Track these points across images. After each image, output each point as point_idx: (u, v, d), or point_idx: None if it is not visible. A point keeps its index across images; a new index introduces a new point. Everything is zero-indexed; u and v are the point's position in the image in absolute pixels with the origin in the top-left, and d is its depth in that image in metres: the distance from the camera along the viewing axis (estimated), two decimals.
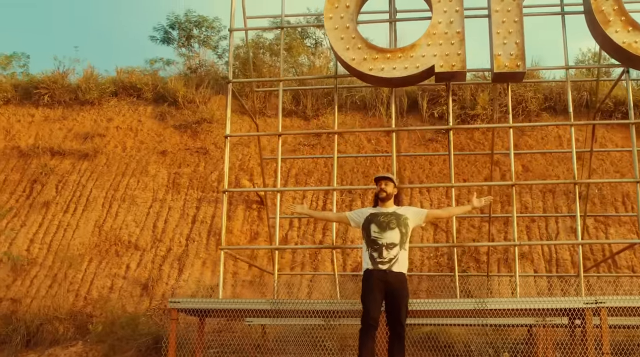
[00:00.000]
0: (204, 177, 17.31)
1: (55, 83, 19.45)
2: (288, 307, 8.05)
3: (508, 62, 8.56)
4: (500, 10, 8.68)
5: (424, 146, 17.34)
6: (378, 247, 6.76)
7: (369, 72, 8.75)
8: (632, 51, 8.43)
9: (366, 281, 6.76)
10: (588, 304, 7.76)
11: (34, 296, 14.87)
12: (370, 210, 7.11)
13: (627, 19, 8.53)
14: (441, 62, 8.61)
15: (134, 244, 15.89)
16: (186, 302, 8.37)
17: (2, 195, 17.25)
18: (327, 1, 8.94)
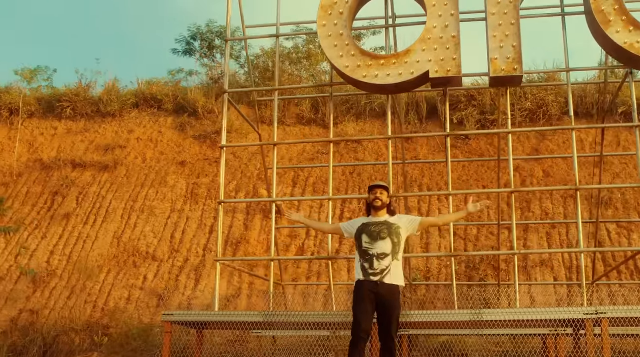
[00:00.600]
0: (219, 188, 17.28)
1: (77, 96, 19.68)
2: (280, 319, 7.94)
3: (505, 66, 8.35)
4: (496, 13, 8.48)
5: (443, 153, 17.08)
6: (369, 258, 6.60)
7: (362, 79, 8.62)
8: (634, 52, 8.16)
9: (357, 292, 6.60)
10: (588, 314, 7.50)
11: (53, 308, 15.00)
12: (363, 220, 6.94)
13: (628, 18, 8.26)
14: (436, 67, 8.44)
15: (151, 255, 15.95)
16: (179, 315, 8.31)
17: (25, 207, 17.49)
18: (320, 8, 8.84)
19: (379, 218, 6.83)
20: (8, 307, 15.18)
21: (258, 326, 8.36)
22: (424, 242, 15.41)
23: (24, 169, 18.48)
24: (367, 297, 6.51)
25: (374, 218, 6.86)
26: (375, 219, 6.83)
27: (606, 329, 7.48)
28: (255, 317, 8.09)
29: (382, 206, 6.85)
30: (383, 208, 6.86)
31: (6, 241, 16.70)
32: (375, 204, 6.85)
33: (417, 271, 14.78)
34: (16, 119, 19.55)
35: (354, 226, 6.95)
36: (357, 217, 7.76)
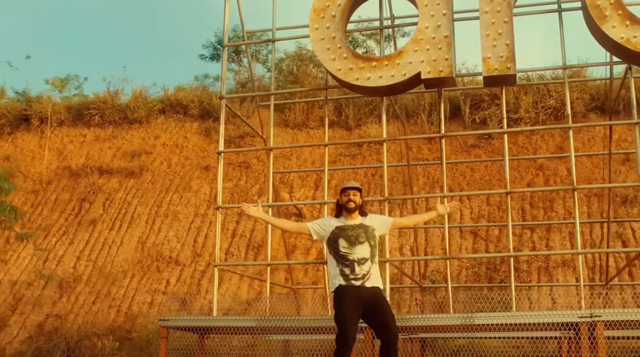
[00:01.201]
0: (244, 191, 17.43)
1: (105, 103, 20.04)
2: (273, 324, 7.96)
3: (498, 65, 8.21)
4: (489, 11, 8.36)
5: (465, 153, 16.93)
6: (349, 263, 6.41)
7: (355, 82, 8.58)
8: (630, 47, 7.95)
9: (340, 299, 6.37)
10: (583, 317, 7.34)
11: (78, 312, 15.29)
12: (335, 222, 6.64)
13: (624, 12, 8.06)
14: (428, 68, 8.35)
15: (174, 260, 16.14)
16: (175, 321, 8.40)
17: (53, 214, 17.87)
18: (312, 11, 8.84)
19: (353, 221, 6.61)
20: (35, 312, 15.53)
21: (252, 330, 8.39)
22: (444, 243, 15.23)
23: (53, 177, 18.89)
24: (352, 303, 6.32)
25: (347, 220, 6.61)
26: (350, 222, 6.60)
27: (602, 333, 7.30)
28: (249, 322, 8.12)
29: (355, 208, 6.61)
30: (356, 210, 6.63)
31: (34, 247, 17.09)
32: (348, 206, 6.58)
33: (436, 273, 14.65)
34: (46, 128, 19.98)
35: (326, 228, 6.68)
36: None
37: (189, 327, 8.59)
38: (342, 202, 6.67)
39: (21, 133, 20.37)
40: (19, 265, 16.72)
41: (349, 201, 6.59)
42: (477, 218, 15.58)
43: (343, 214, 6.66)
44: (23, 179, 18.97)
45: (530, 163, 16.14)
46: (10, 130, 20.46)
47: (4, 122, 20.45)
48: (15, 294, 16.02)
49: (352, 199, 6.60)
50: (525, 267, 14.38)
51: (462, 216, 15.63)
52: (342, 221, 6.63)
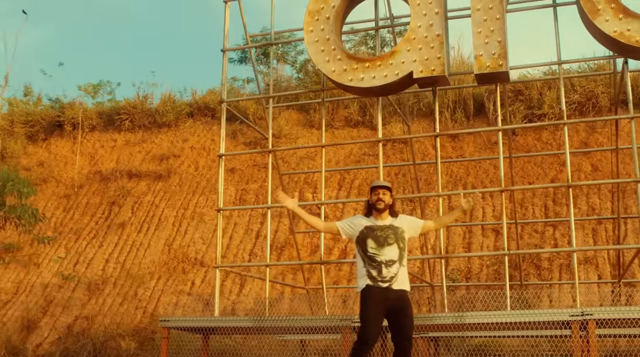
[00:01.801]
0: (266, 193, 17.59)
1: (135, 108, 20.46)
2: (268, 324, 8.10)
3: (490, 62, 8.21)
4: (481, 8, 8.35)
5: (489, 150, 16.83)
6: (377, 265, 6.32)
7: (349, 83, 8.67)
8: (623, 40, 7.87)
9: (366, 299, 6.33)
10: (574, 316, 7.29)
11: (105, 314, 15.67)
12: (365, 221, 6.55)
13: (617, 5, 7.97)
14: (421, 67, 8.39)
15: (199, 261, 16.42)
16: (175, 321, 8.60)
17: (84, 218, 18.34)
18: (307, 14, 8.95)
19: (383, 221, 6.50)
20: (65, 314, 15.96)
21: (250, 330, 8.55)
22: (465, 241, 15.22)
23: (84, 181, 19.37)
24: (377, 304, 6.27)
25: (377, 221, 6.51)
26: (380, 222, 6.50)
27: (593, 331, 7.25)
28: (244, 323, 8.28)
29: (385, 208, 6.51)
30: (386, 210, 6.53)
31: (66, 250, 17.56)
32: (377, 206, 6.49)
33: (457, 271, 14.61)
34: (79, 133, 20.50)
35: (355, 227, 6.58)
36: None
37: (188, 328, 8.78)
38: (371, 201, 6.57)
39: (55, 139, 20.93)
40: (50, 268, 17.21)
41: (378, 200, 6.51)
42: (500, 215, 15.46)
43: (373, 214, 6.57)
44: (56, 184, 19.50)
45: (554, 159, 15.95)
46: (45, 137, 21.05)
47: (38, 128, 21.04)
48: (46, 297, 16.49)
49: (381, 198, 6.50)
50: (547, 265, 14.24)
51: (485, 213, 15.55)
52: (371, 220, 6.54)
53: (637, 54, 8.10)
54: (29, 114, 21.32)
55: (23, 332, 15.63)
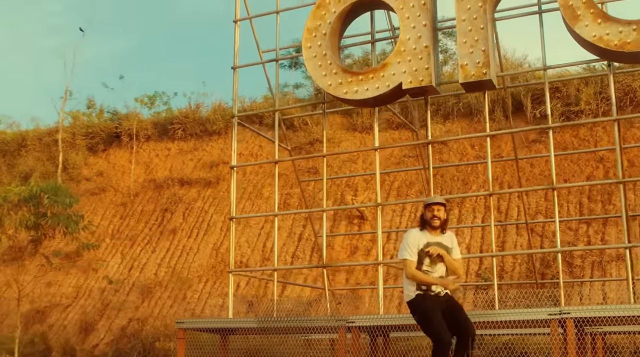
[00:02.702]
0: (312, 196, 18.23)
1: (187, 117, 21.44)
2: (273, 325, 8.72)
3: (475, 71, 8.58)
4: (466, 19, 8.73)
5: (526, 148, 16.98)
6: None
7: (344, 96, 9.20)
8: (602, 45, 8.12)
9: (423, 305, 6.50)
10: (552, 315, 7.62)
11: (157, 316, 16.64)
12: (421, 237, 6.62)
13: (596, 11, 8.22)
14: (410, 78, 8.84)
15: (244, 264, 17.20)
16: (189, 323, 9.33)
17: (139, 224, 19.42)
18: (305, 30, 9.51)
19: (435, 237, 6.61)
20: (120, 316, 17.03)
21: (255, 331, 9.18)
22: (500, 240, 15.44)
23: (140, 189, 20.47)
24: (436, 306, 6.46)
25: (432, 236, 6.61)
26: (433, 238, 6.60)
27: (571, 329, 7.56)
28: (250, 324, 8.93)
29: (440, 225, 6.61)
30: (441, 226, 6.63)
31: (122, 256, 18.67)
32: (433, 223, 6.58)
33: (489, 270, 14.86)
34: (135, 143, 21.64)
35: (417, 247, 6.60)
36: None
37: (202, 329, 9.49)
38: (426, 217, 6.64)
39: (113, 149, 22.15)
40: (108, 273, 18.34)
41: (433, 217, 6.58)
42: (535, 214, 15.64)
43: (427, 228, 6.65)
44: (114, 192, 20.68)
45: (591, 155, 15.99)
46: (104, 148, 22.29)
47: (98, 140, 22.30)
48: (103, 300, 17.60)
49: (436, 215, 6.58)
50: (579, 262, 14.37)
51: (519, 211, 15.74)
52: (426, 235, 6.63)
53: (617, 57, 8.33)
54: (90, 126, 22.61)
55: (81, 334, 16.77)
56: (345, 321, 8.51)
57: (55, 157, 21.96)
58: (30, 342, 15.77)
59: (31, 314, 17.54)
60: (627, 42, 8.04)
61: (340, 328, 8.50)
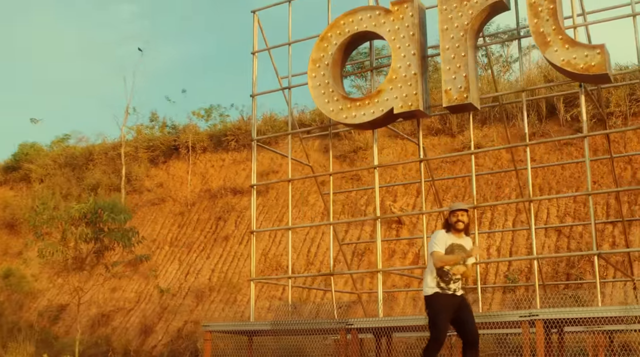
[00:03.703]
0: (354, 202, 19.39)
1: (239, 129, 22.89)
2: (287, 327, 9.95)
3: (457, 95, 9.56)
4: (450, 47, 9.71)
5: (558, 151, 17.65)
6: (447, 279, 7.31)
7: (344, 120, 10.34)
8: (570, 69, 8.98)
9: (437, 304, 7.27)
10: (523, 317, 8.55)
11: (210, 318, 18.10)
12: (447, 238, 7.41)
13: (564, 37, 9.08)
14: (400, 103, 9.89)
15: (291, 268, 18.48)
16: (215, 326, 10.64)
17: (194, 232, 20.97)
18: (310, 62, 10.67)
19: (458, 240, 7.41)
20: (177, 319, 18.58)
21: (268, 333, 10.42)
22: (528, 242, 16.19)
23: (196, 199, 22.04)
24: (447, 309, 7.25)
25: (456, 239, 7.40)
26: (456, 241, 7.40)
27: (541, 330, 8.47)
28: (265, 326, 10.17)
29: (464, 228, 7.44)
30: (464, 229, 7.46)
31: (179, 262, 20.25)
32: (457, 227, 7.37)
33: (517, 271, 15.68)
34: (192, 155, 23.25)
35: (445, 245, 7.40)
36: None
37: (226, 331, 10.79)
38: (451, 222, 7.45)
39: (173, 161, 23.81)
40: (166, 278, 19.95)
41: (457, 221, 7.40)
42: (564, 215, 16.35)
43: (451, 231, 7.45)
44: (172, 202, 22.33)
45: (621, 158, 16.53)
46: (164, 160, 23.98)
47: (158, 153, 24.01)
48: (162, 304, 19.21)
49: (460, 219, 7.41)
50: (604, 262, 14.99)
51: (549, 213, 16.46)
52: (451, 237, 7.44)
53: (584, 78, 9.16)
54: (151, 139, 24.35)
55: (141, 336, 18.40)
56: (345, 323, 9.64)
57: (119, 170, 23.78)
58: (94, 344, 17.47)
59: (97, 317, 19.30)
60: (592, 65, 8.88)
61: (341, 330, 9.64)
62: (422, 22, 10.25)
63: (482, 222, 17.29)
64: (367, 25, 10.42)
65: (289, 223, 12.22)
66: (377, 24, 10.33)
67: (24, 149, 27.22)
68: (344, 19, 10.61)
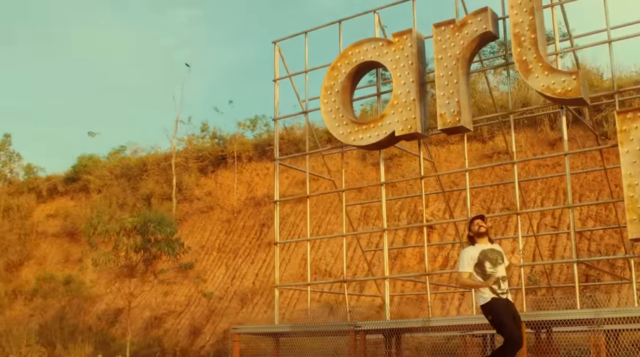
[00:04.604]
0: (389, 208, 20.59)
1: (282, 139, 24.31)
2: (301, 329, 11.30)
3: (450, 119, 10.74)
4: (444, 75, 10.89)
5: (582, 155, 18.49)
6: (496, 280, 7.96)
7: (352, 142, 11.63)
8: (549, 94, 10.08)
9: (498, 308, 7.91)
10: None
11: (253, 320, 19.60)
12: (475, 251, 8.08)
13: (544, 64, 10.17)
14: (401, 126, 11.12)
15: (328, 272, 19.85)
16: (242, 328, 12.09)
17: (240, 238, 22.52)
18: (323, 89, 11.98)
19: (487, 246, 8.13)
20: (223, 321, 20.14)
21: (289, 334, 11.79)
22: (551, 244, 17.17)
23: (242, 206, 23.60)
24: (508, 312, 7.94)
25: (484, 245, 8.12)
26: (486, 247, 8.11)
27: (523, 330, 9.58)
28: (284, 329, 11.54)
29: (486, 231, 8.18)
30: (486, 233, 8.19)
31: (226, 267, 21.82)
32: (480, 231, 8.11)
33: (539, 273, 16.67)
34: (239, 165, 24.82)
35: (474, 258, 8.07)
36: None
37: (253, 333, 12.20)
38: (473, 231, 8.21)
39: (220, 171, 25.44)
40: (214, 282, 21.55)
41: (480, 227, 8.18)
42: (585, 218, 17.25)
43: (477, 241, 8.18)
44: (220, 210, 23.93)
45: None
46: (213, 169, 25.63)
47: (207, 163, 25.67)
48: (210, 307, 20.81)
49: (481, 224, 8.19)
50: (621, 263, 15.88)
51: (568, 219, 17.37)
52: (480, 247, 8.13)
53: (563, 102, 10.23)
54: (200, 150, 26.03)
55: (190, 337, 20.03)
56: (354, 325, 10.93)
57: (171, 180, 25.52)
58: (147, 345, 19.17)
59: (150, 320, 21.02)
60: (569, 90, 9.96)
61: (350, 332, 10.94)
62: (421, 51, 11.45)
63: (508, 225, 18.31)
64: (372, 55, 11.67)
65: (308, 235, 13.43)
66: (381, 54, 11.58)
67: (82, 160, 29.30)
68: (351, 50, 11.89)
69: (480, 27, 10.74)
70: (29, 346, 17.87)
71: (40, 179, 31.10)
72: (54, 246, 27.51)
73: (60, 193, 29.75)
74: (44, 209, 29.60)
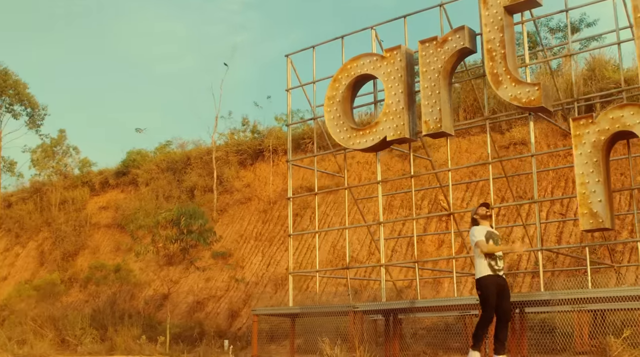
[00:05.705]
0: (411, 198, 22.30)
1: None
2: (308, 310, 13.21)
3: (433, 125, 12.46)
4: (427, 86, 12.60)
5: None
6: (494, 258, 9.68)
7: (352, 146, 13.44)
8: (516, 103, 11.71)
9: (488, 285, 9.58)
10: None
11: (286, 303, 21.58)
12: (482, 229, 9.83)
13: (511, 76, 11.78)
14: (392, 132, 12.88)
15: (354, 258, 21.70)
16: (260, 310, 14.06)
17: (276, 227, 24.52)
18: (326, 99, 13.81)
19: (490, 228, 9.98)
20: (258, 304, 22.14)
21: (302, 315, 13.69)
22: (558, 230, 18.67)
23: (277, 197, 25.58)
24: (495, 289, 9.57)
25: (488, 228, 9.90)
26: (490, 228, 9.92)
27: None
28: (295, 310, 13.46)
29: (490, 216, 10.11)
30: (490, 218, 10.10)
31: (262, 255, 23.86)
32: (488, 214, 9.97)
33: (545, 258, 18.20)
34: (275, 157, 26.79)
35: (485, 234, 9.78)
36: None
37: (271, 314, 14.16)
38: (480, 214, 9.97)
39: (258, 163, 27.46)
40: (251, 269, 23.62)
41: (487, 211, 10.04)
42: None
43: (481, 223, 9.95)
44: (257, 201, 25.97)
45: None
46: (251, 162, 27.67)
47: (246, 156, 27.72)
48: (247, 292, 22.90)
49: (487, 210, 10.07)
50: (621, 247, 17.32)
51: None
52: (485, 228, 9.90)
53: (530, 109, 11.83)
54: (239, 144, 28.09)
55: (229, 319, 22.16)
56: (353, 306, 12.79)
57: (212, 173, 27.66)
58: (189, 327, 21.35)
59: (193, 304, 23.23)
60: (532, 99, 11.57)
61: (349, 312, 12.80)
62: (410, 64, 13.17)
63: (520, 213, 19.84)
64: (368, 68, 13.44)
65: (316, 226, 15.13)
66: (375, 68, 13.33)
67: (131, 155, 31.72)
68: (350, 64, 13.68)
69: (459, 43, 12.40)
70: (83, 329, 20.23)
71: (92, 173, 33.70)
72: (105, 236, 30.03)
73: (111, 186, 32.27)
74: (96, 201, 32.17)
